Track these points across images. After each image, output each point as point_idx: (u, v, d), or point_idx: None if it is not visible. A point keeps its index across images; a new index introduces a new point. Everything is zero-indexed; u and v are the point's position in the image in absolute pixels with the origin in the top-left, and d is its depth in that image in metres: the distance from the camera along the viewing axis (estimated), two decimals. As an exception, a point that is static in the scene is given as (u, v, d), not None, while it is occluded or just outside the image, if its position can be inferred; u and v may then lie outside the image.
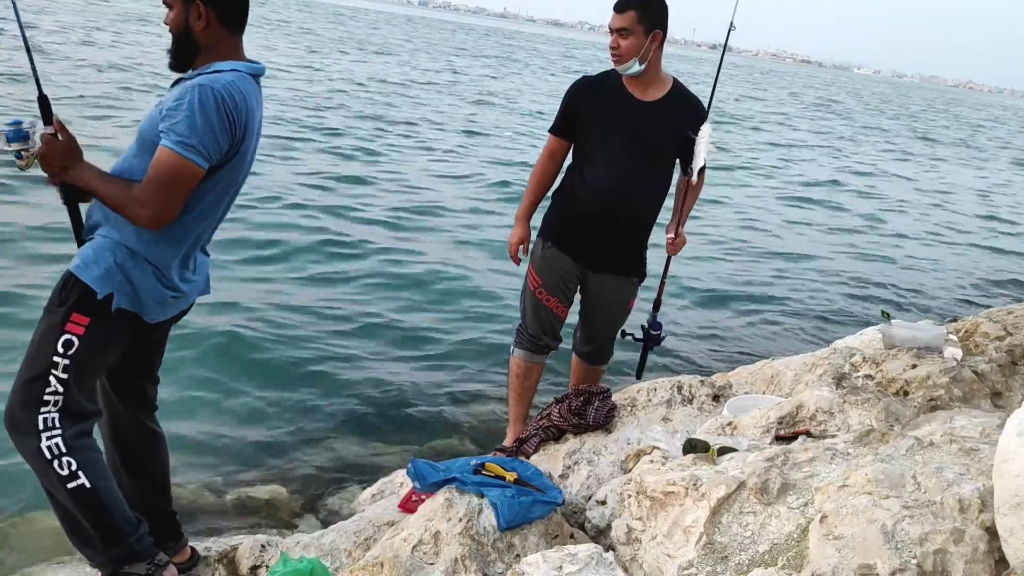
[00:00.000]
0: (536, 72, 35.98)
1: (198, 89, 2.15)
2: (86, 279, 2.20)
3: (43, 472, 2.23)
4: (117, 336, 2.29)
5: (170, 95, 2.24)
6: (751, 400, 3.38)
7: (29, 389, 2.21)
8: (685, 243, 3.55)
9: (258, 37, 28.35)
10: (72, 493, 2.23)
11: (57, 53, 16.49)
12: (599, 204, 3.34)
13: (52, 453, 2.20)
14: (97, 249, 2.23)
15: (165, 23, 2.30)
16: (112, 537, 2.31)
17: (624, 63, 3.28)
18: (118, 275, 2.22)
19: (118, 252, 2.23)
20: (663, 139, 3.31)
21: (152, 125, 2.22)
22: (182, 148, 2.13)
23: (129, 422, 2.52)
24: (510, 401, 3.75)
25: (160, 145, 2.15)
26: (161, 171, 2.15)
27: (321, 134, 12.67)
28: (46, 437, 2.19)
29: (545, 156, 3.50)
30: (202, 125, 2.14)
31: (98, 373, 2.34)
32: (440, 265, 7.17)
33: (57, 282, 2.25)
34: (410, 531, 2.41)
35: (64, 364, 2.19)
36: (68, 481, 2.22)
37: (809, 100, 46.82)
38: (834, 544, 1.84)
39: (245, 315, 5.38)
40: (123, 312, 2.24)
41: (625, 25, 3.24)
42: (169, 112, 2.16)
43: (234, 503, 3.47)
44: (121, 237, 2.24)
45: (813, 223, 11.64)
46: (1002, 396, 3.26)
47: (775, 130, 24.85)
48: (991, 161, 25.68)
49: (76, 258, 2.25)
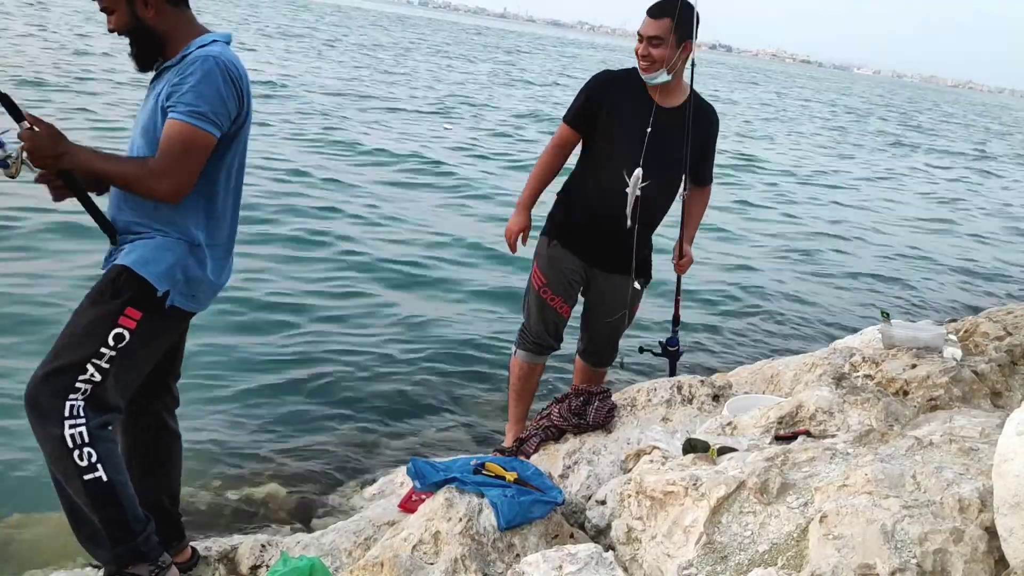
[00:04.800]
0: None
1: (200, 61, 2.16)
2: (146, 275, 2.21)
3: (59, 460, 2.18)
4: (165, 333, 2.33)
5: (162, 82, 2.22)
6: (751, 400, 3.38)
7: (63, 375, 2.17)
8: (692, 262, 3.57)
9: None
10: (87, 485, 2.18)
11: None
12: (613, 205, 3.31)
13: (75, 442, 2.15)
14: (157, 247, 2.24)
15: (112, 30, 2.25)
16: (120, 534, 2.27)
17: (653, 72, 3.21)
18: (177, 273, 2.25)
19: (178, 249, 2.26)
20: (679, 146, 3.28)
21: (154, 115, 2.21)
22: (193, 118, 2.14)
23: (153, 419, 2.51)
24: (510, 401, 3.74)
25: (169, 119, 2.15)
26: (176, 142, 2.15)
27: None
28: (69, 425, 2.15)
29: (555, 146, 3.43)
30: (211, 94, 2.15)
31: (142, 369, 2.34)
32: (439, 265, 7.18)
33: (106, 274, 2.25)
34: (410, 531, 2.41)
35: (109, 356, 2.18)
36: (85, 472, 2.17)
37: (809, 100, 46.80)
38: (834, 544, 1.85)
39: (244, 314, 5.38)
40: (175, 310, 2.27)
41: (659, 33, 3.16)
42: (173, 89, 2.16)
43: (234, 503, 3.47)
44: (181, 232, 2.27)
45: (813, 223, 11.64)
46: (1002, 396, 3.26)
47: (773, 129, 24.86)
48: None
49: (130, 254, 2.23)
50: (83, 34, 21.63)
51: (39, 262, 5.75)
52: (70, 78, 13.77)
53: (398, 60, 30.41)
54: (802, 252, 9.72)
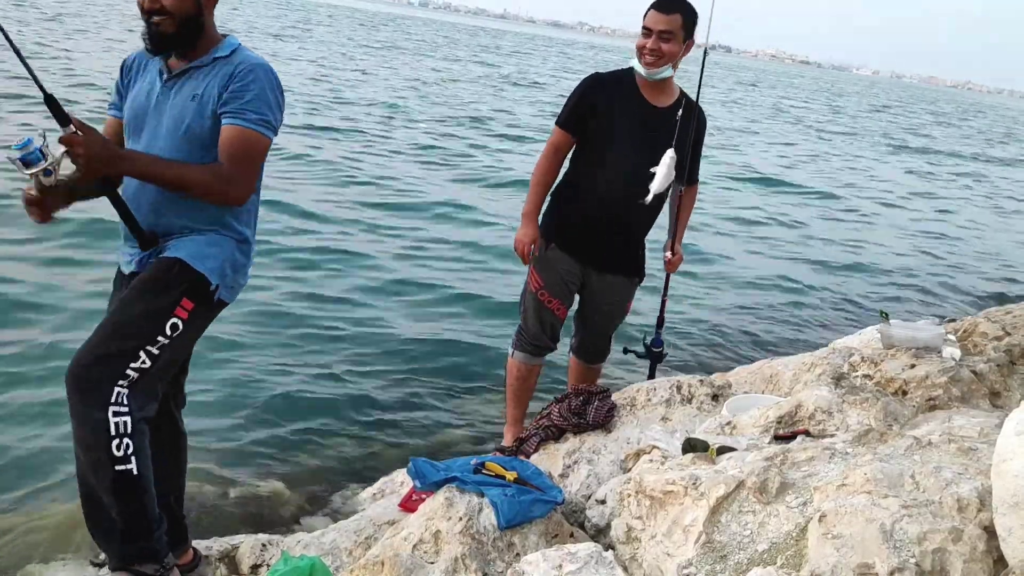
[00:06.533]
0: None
1: (257, 69, 2.27)
2: (202, 269, 2.29)
3: (95, 446, 2.16)
4: (205, 325, 2.40)
5: (196, 83, 2.27)
6: (750, 400, 3.38)
7: (114, 361, 2.17)
8: (682, 260, 3.61)
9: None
10: (117, 476, 2.17)
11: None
12: (609, 206, 3.33)
13: (117, 430, 2.15)
14: (209, 243, 2.33)
15: (159, 8, 2.20)
16: (136, 531, 2.26)
17: (659, 67, 3.21)
18: (227, 268, 2.35)
19: (227, 245, 2.36)
20: (671, 145, 3.28)
21: (200, 118, 2.25)
22: (260, 126, 2.25)
23: (166, 417, 2.50)
24: (508, 402, 3.75)
25: (232, 125, 2.23)
26: (245, 148, 2.24)
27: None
28: (113, 412, 2.15)
29: (551, 151, 3.44)
30: (272, 102, 2.28)
31: (180, 360, 2.41)
32: (438, 265, 7.18)
33: (156, 265, 2.29)
34: (410, 530, 2.41)
35: (162, 344, 2.22)
36: (118, 463, 2.17)
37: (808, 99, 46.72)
38: (833, 543, 1.85)
39: (243, 313, 5.38)
40: (220, 303, 2.37)
41: (670, 28, 3.17)
42: (232, 95, 2.23)
43: (235, 502, 3.47)
44: (229, 229, 2.37)
45: (811, 222, 11.65)
46: (1000, 396, 3.26)
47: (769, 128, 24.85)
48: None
49: (182, 249, 2.30)
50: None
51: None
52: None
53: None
54: (802, 251, 9.73)
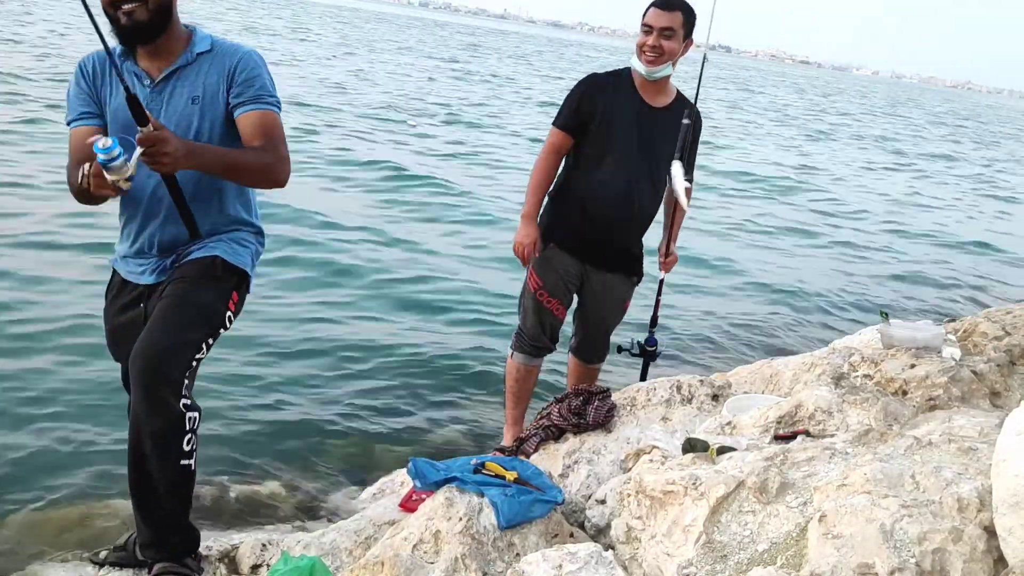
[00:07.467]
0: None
1: (255, 55, 2.37)
2: (239, 263, 2.37)
3: (166, 439, 2.16)
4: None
5: (192, 80, 2.28)
6: (750, 400, 3.38)
7: (187, 351, 2.20)
8: (676, 261, 3.63)
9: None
10: (181, 470, 2.21)
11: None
12: (608, 207, 3.34)
13: (190, 425, 2.19)
14: (237, 239, 2.42)
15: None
16: (187, 523, 2.37)
17: (660, 64, 3.21)
18: (255, 260, 2.46)
19: (251, 239, 2.46)
20: (670, 145, 3.31)
21: (205, 119, 2.28)
22: (278, 108, 2.34)
23: None
24: (507, 403, 3.75)
25: (256, 111, 2.28)
26: (276, 129, 2.32)
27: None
28: (184, 406, 2.17)
29: (549, 152, 3.43)
30: (272, 83, 2.37)
31: None
32: (438, 265, 7.18)
33: (198, 264, 2.33)
34: (410, 530, 2.41)
35: (215, 335, 2.30)
36: (184, 457, 2.20)
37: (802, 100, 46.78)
38: (833, 543, 1.85)
39: (243, 313, 5.37)
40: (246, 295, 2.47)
41: (672, 26, 3.18)
42: (244, 85, 2.29)
43: (235, 502, 3.46)
44: (249, 224, 2.46)
45: (811, 222, 11.65)
46: (1000, 396, 3.26)
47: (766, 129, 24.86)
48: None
49: (215, 248, 2.36)
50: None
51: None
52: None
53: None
54: (802, 251, 9.72)
